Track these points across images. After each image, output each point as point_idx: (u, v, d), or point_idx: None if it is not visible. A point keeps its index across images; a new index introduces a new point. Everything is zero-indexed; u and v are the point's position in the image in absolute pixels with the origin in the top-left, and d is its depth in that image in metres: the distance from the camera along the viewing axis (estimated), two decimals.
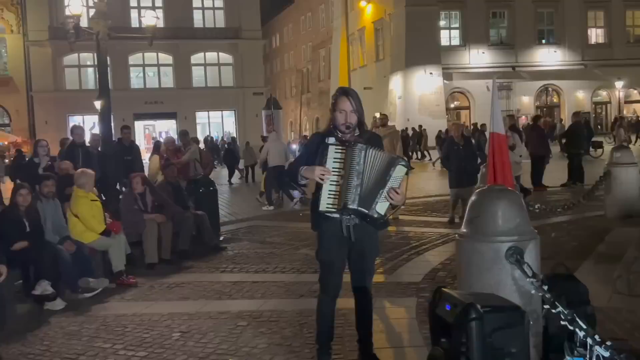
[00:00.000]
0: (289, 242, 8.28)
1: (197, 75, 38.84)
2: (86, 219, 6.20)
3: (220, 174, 22.46)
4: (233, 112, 39.48)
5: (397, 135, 10.05)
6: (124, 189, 9.34)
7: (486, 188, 3.58)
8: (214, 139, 35.86)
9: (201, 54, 38.49)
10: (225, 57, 39.00)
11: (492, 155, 3.89)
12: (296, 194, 11.84)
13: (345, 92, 3.56)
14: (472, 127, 26.67)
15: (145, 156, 14.66)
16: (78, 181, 6.28)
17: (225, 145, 27.38)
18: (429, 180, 17.05)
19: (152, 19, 9.67)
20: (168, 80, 38.38)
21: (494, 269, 3.41)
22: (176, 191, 7.95)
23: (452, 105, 36.42)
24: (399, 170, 3.41)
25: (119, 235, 6.44)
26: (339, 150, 3.41)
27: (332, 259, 3.60)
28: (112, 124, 9.15)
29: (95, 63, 35.01)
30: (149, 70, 38.43)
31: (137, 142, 12.18)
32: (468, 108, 36.16)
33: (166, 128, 38.20)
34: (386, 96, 35.21)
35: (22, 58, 35.40)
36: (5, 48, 36.19)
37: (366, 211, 3.41)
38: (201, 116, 39.16)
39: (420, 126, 28.38)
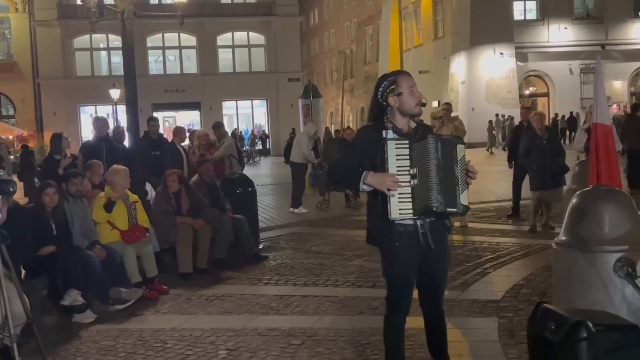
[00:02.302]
0: (339, 252, 8.42)
1: (224, 59, 39.44)
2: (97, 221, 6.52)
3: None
4: (265, 101, 39.93)
5: (462, 127, 9.96)
6: (149, 188, 9.63)
7: (590, 189, 3.62)
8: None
9: (229, 34, 39.07)
10: (256, 38, 39.47)
11: (596, 150, 3.91)
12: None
13: (403, 71, 3.71)
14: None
15: None
16: (109, 179, 6.59)
17: (287, 140, 27.64)
18: (502, 182, 16.89)
19: None
20: (191, 65, 39.05)
21: (599, 284, 3.46)
22: (212, 191, 8.16)
23: (526, 92, 35.96)
24: (460, 150, 3.50)
25: (138, 244, 6.61)
26: (402, 146, 3.44)
27: (408, 275, 3.58)
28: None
29: (109, 46, 36.42)
30: (170, 53, 39.21)
31: None
32: (546, 95, 35.65)
33: (188, 120, 38.84)
34: (446, 81, 34.99)
35: (27, 40, 36.58)
36: (9, 29, 37.44)
37: (454, 209, 3.49)
38: (228, 106, 39.69)
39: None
